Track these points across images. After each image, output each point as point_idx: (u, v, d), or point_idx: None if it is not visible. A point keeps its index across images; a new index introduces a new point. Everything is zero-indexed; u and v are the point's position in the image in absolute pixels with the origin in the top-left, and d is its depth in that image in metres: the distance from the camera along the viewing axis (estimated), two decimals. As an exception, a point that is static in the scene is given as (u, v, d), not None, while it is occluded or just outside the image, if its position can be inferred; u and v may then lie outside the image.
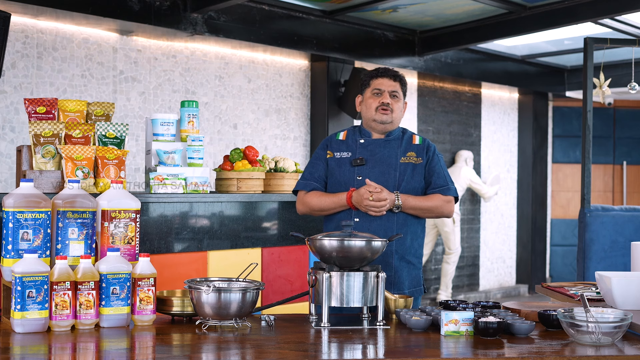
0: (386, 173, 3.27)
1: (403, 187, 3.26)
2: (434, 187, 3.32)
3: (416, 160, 3.31)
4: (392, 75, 3.34)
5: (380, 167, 3.28)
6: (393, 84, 3.32)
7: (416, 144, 3.36)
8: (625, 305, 2.85)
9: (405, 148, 3.33)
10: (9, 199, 2.70)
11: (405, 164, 3.29)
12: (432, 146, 3.38)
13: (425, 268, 8.99)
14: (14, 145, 5.69)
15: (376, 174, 3.26)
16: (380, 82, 3.32)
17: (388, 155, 3.31)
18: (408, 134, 3.40)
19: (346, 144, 3.37)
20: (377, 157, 3.30)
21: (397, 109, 3.32)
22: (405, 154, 3.31)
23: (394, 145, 3.33)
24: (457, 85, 9.36)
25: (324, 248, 2.76)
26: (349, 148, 3.35)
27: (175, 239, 4.12)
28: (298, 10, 6.90)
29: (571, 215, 10.49)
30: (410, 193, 3.27)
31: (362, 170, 3.28)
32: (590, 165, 5.08)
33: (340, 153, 3.35)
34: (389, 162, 3.29)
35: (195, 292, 2.66)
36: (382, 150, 3.32)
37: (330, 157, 3.36)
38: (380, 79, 3.33)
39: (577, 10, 6.79)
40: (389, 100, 3.30)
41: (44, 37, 5.86)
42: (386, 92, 3.30)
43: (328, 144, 3.40)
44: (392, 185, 3.25)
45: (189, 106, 4.29)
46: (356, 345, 2.47)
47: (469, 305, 2.89)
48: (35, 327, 2.58)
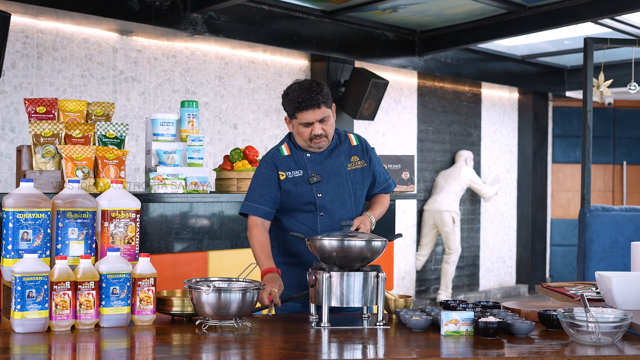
0: (340, 185, 3.20)
1: (358, 195, 3.23)
2: (377, 186, 3.33)
3: (361, 164, 3.25)
4: (313, 105, 3.07)
5: (334, 180, 3.19)
6: (319, 112, 3.09)
7: (355, 146, 3.27)
8: (625, 305, 2.85)
9: (348, 153, 3.24)
10: (9, 199, 2.70)
11: (354, 171, 3.23)
12: (366, 143, 3.31)
13: (425, 268, 9.00)
14: (14, 145, 5.69)
15: (332, 188, 3.18)
16: (306, 116, 3.09)
17: (336, 166, 3.21)
18: (343, 136, 3.28)
19: (293, 160, 3.21)
20: (328, 170, 3.20)
21: (329, 129, 3.16)
22: (350, 160, 3.23)
23: (337, 153, 3.23)
24: (457, 85, 9.36)
25: (324, 248, 2.76)
26: (297, 165, 3.20)
27: (175, 239, 4.12)
28: (298, 10, 6.90)
29: (571, 215, 10.49)
30: (363, 199, 3.29)
31: (319, 187, 3.18)
32: (590, 165, 5.08)
33: (292, 172, 3.20)
34: (339, 173, 3.21)
35: (195, 292, 2.66)
36: (330, 162, 3.21)
37: (284, 178, 3.20)
38: (304, 113, 3.08)
39: (577, 10, 6.79)
40: (320, 130, 3.11)
41: (44, 37, 5.86)
42: (315, 123, 3.10)
43: (276, 164, 3.21)
44: (348, 196, 3.19)
45: (189, 106, 4.29)
46: (356, 345, 2.47)
47: (469, 305, 2.89)
48: (35, 327, 2.58)
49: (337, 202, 3.18)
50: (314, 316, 2.79)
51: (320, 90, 3.09)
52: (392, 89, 8.41)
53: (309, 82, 3.13)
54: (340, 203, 3.19)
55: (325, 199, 3.17)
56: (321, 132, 3.12)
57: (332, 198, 3.18)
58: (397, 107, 8.61)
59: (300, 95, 3.07)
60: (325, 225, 3.18)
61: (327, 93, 3.13)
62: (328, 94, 3.14)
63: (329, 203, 3.17)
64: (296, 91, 3.09)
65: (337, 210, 3.18)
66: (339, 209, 3.18)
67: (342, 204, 3.19)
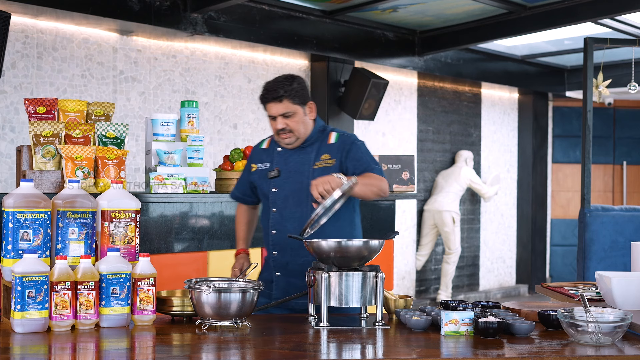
0: (299, 182, 3.15)
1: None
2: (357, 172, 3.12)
3: (330, 162, 3.14)
4: (274, 98, 3.09)
5: (294, 177, 3.15)
6: (281, 106, 3.09)
7: (331, 144, 3.18)
8: (625, 305, 2.85)
9: (320, 151, 3.18)
10: (9, 199, 2.70)
11: (320, 169, 3.13)
12: (350, 139, 3.20)
13: (425, 268, 9.00)
14: (14, 145, 5.69)
15: (290, 185, 3.16)
16: (269, 108, 3.12)
17: (301, 163, 3.17)
18: (325, 134, 3.23)
19: (267, 152, 3.27)
20: (290, 165, 3.18)
21: (295, 125, 3.12)
22: (319, 158, 3.16)
23: (309, 150, 3.19)
24: (457, 85, 9.36)
25: (321, 248, 2.76)
26: (268, 157, 3.25)
27: (175, 239, 4.12)
28: (298, 10, 6.90)
29: (571, 215, 10.49)
30: None
31: (276, 182, 3.19)
32: (590, 165, 5.08)
33: (262, 164, 3.25)
34: (302, 170, 3.15)
35: (195, 292, 2.66)
36: (296, 159, 3.19)
37: (254, 170, 3.28)
38: (268, 105, 3.12)
39: (577, 10, 6.79)
40: (283, 124, 3.11)
41: (44, 37, 5.86)
42: (278, 117, 3.11)
43: (252, 156, 3.34)
44: (305, 194, 3.12)
45: (189, 106, 4.29)
46: (355, 345, 2.47)
47: (469, 305, 2.89)
48: (35, 327, 2.58)
49: (292, 199, 3.15)
50: (312, 316, 2.79)
51: (289, 84, 3.07)
52: (392, 89, 8.41)
53: (284, 76, 3.13)
54: (295, 200, 3.14)
55: (279, 194, 3.17)
56: (284, 126, 3.11)
57: (287, 195, 3.16)
58: (397, 107, 8.61)
59: (266, 87, 3.12)
60: (276, 221, 3.19)
61: (296, 89, 3.09)
62: (298, 90, 3.10)
63: (281, 199, 3.16)
64: (268, 83, 3.14)
65: (290, 207, 3.15)
66: (292, 205, 3.15)
67: (297, 201, 3.14)
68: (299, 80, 3.13)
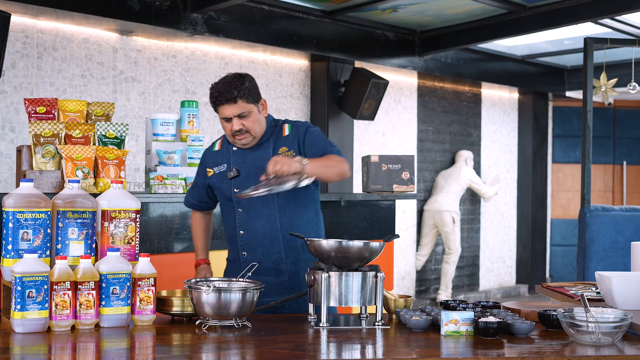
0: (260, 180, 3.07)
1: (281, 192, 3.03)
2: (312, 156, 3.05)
3: (289, 154, 3.07)
4: (228, 100, 3.00)
5: (255, 175, 3.08)
6: (235, 108, 3.02)
7: (286, 136, 3.14)
8: (625, 305, 2.85)
9: (277, 145, 3.13)
10: (9, 199, 2.70)
11: None
12: (304, 126, 3.15)
13: (425, 268, 8.99)
14: (14, 145, 5.69)
15: (251, 183, 3.06)
16: (223, 111, 3.04)
17: (260, 159, 3.10)
18: (279, 127, 3.17)
19: (221, 154, 3.20)
20: (249, 163, 3.13)
21: (252, 125, 3.06)
22: (278, 152, 3.11)
23: (266, 146, 3.14)
24: (457, 85, 9.36)
25: (322, 248, 2.76)
26: (224, 158, 3.18)
27: (175, 239, 4.12)
28: (298, 10, 6.90)
29: (571, 215, 10.49)
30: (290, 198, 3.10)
31: (237, 182, 3.13)
32: (590, 165, 5.08)
33: (218, 167, 3.19)
34: (262, 166, 3.04)
35: (195, 292, 2.66)
36: (253, 156, 3.13)
37: (211, 174, 3.21)
38: (221, 107, 3.03)
39: (577, 10, 6.80)
40: (239, 125, 3.04)
41: (44, 37, 5.86)
42: (234, 119, 3.03)
43: (205, 161, 3.26)
44: None
45: (189, 106, 4.29)
46: (355, 345, 2.47)
47: (469, 305, 2.89)
48: (35, 327, 2.58)
49: (256, 198, 3.09)
50: (312, 316, 2.79)
51: (241, 84, 3.02)
52: (392, 89, 8.41)
53: (233, 76, 3.05)
54: (260, 198, 3.10)
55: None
56: (240, 127, 3.05)
57: None
58: (397, 107, 8.61)
59: (217, 89, 3.03)
60: (243, 221, 3.16)
61: (248, 87, 3.03)
62: (251, 88, 3.04)
63: (246, 199, 3.11)
64: (218, 84, 3.05)
65: (255, 205, 3.11)
66: (258, 204, 3.11)
67: (262, 199, 3.10)
68: (250, 78, 3.07)
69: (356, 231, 4.92)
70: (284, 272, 3.15)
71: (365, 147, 8.14)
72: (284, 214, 3.12)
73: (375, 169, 5.00)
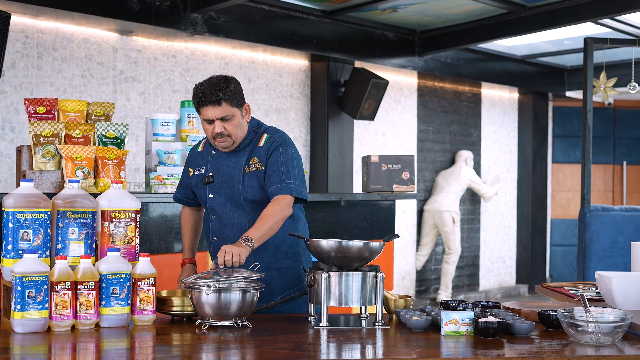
0: (232, 188, 3.06)
1: (249, 201, 3.04)
2: (268, 186, 3.02)
3: (259, 166, 3.05)
4: (212, 101, 2.95)
5: (227, 182, 3.06)
6: (219, 110, 2.96)
7: (260, 146, 3.07)
8: (625, 305, 2.85)
9: (251, 154, 3.08)
10: (9, 199, 2.70)
11: (250, 174, 3.05)
12: (278, 141, 3.07)
13: (425, 268, 9.00)
14: (14, 145, 5.69)
15: (225, 190, 3.08)
16: (206, 112, 2.97)
17: (232, 167, 3.07)
18: (258, 135, 3.11)
19: (202, 156, 3.17)
20: (222, 170, 3.09)
21: (233, 129, 3.01)
22: (249, 162, 3.06)
23: (242, 153, 3.09)
24: (457, 85, 9.36)
25: (322, 248, 2.76)
26: (203, 161, 3.16)
27: (175, 239, 4.12)
28: (298, 10, 6.90)
29: (571, 215, 10.50)
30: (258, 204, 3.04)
31: (212, 188, 3.11)
32: (590, 165, 5.08)
33: (198, 169, 3.17)
34: (233, 174, 3.06)
35: (195, 292, 2.66)
36: (227, 162, 3.09)
37: (191, 174, 3.20)
38: (204, 109, 2.97)
39: (577, 10, 6.80)
40: (221, 128, 2.99)
41: (44, 37, 5.86)
42: (216, 121, 2.98)
43: (188, 160, 3.25)
44: (239, 200, 3.06)
45: (189, 106, 4.29)
46: (355, 346, 2.47)
47: (469, 305, 2.89)
48: (35, 327, 2.58)
49: (229, 205, 3.08)
50: (312, 316, 2.79)
51: (226, 86, 2.97)
52: (392, 89, 8.41)
53: (218, 78, 3.01)
54: (232, 206, 3.08)
55: (215, 201, 3.10)
56: (222, 130, 2.99)
57: (223, 201, 3.09)
58: (397, 107, 8.61)
59: (202, 90, 2.98)
60: (216, 228, 3.13)
61: (234, 90, 2.99)
62: (236, 92, 3.00)
63: (219, 206, 3.09)
64: (202, 85, 3.00)
65: (227, 213, 3.08)
66: (230, 212, 3.08)
67: (234, 207, 3.08)
68: (235, 81, 3.03)
69: (356, 231, 4.92)
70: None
71: (365, 147, 8.15)
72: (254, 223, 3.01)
73: (375, 169, 5.00)
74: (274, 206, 2.96)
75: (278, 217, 2.94)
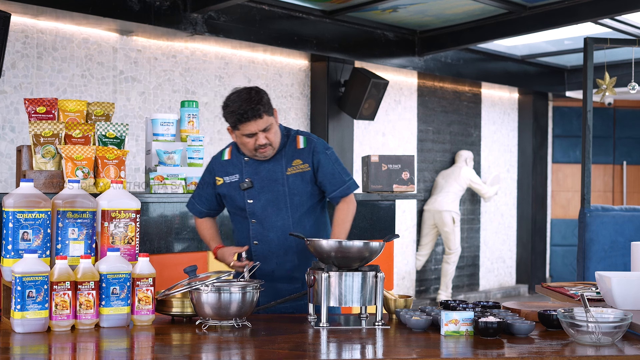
0: (275, 191, 3.12)
1: (296, 201, 3.13)
2: (331, 190, 3.16)
3: (303, 167, 3.13)
4: (254, 116, 3.00)
5: (269, 186, 3.13)
6: (261, 123, 3.02)
7: (301, 149, 3.16)
8: (625, 305, 2.85)
9: (291, 156, 3.15)
10: (9, 199, 2.70)
11: (293, 176, 3.13)
12: (319, 144, 3.17)
13: (425, 268, 8.99)
14: (14, 145, 5.69)
15: (266, 194, 3.12)
16: (248, 128, 3.02)
17: (273, 171, 3.13)
18: (292, 138, 3.19)
19: (232, 164, 3.20)
20: (262, 175, 3.14)
21: (273, 137, 3.09)
22: (291, 164, 3.13)
23: (278, 157, 3.15)
24: (457, 85, 9.36)
25: (322, 248, 2.76)
26: (235, 169, 3.19)
27: (175, 239, 4.12)
28: (298, 10, 6.90)
29: (571, 215, 10.50)
30: (304, 205, 3.15)
31: (251, 193, 3.15)
32: (590, 165, 5.07)
33: (229, 177, 3.19)
34: (275, 178, 3.12)
35: (195, 292, 2.66)
36: (266, 167, 3.14)
37: (220, 184, 3.21)
38: (245, 125, 3.02)
39: (577, 10, 6.79)
40: (264, 139, 3.05)
41: (44, 37, 5.86)
42: (259, 133, 3.04)
43: (214, 168, 3.25)
44: (283, 202, 3.12)
45: (189, 106, 4.29)
46: (355, 345, 2.47)
47: (469, 305, 2.89)
48: (35, 327, 2.58)
49: (270, 209, 3.13)
50: (312, 316, 2.79)
51: (260, 99, 3.02)
52: (392, 89, 8.41)
53: (248, 92, 3.04)
54: (274, 209, 3.13)
55: (256, 205, 3.14)
56: (265, 141, 3.06)
57: (264, 205, 3.13)
58: (397, 107, 8.61)
59: (240, 107, 3.00)
60: (257, 232, 3.17)
61: (267, 101, 3.05)
62: (268, 101, 3.06)
63: (260, 210, 3.14)
64: (236, 102, 3.02)
65: (270, 216, 3.13)
66: (272, 215, 3.13)
67: (276, 210, 3.13)
68: (262, 90, 3.08)
69: (356, 231, 4.92)
70: (297, 279, 3.18)
71: (365, 147, 8.15)
72: (298, 225, 3.15)
73: (375, 169, 5.00)
74: (346, 211, 3.17)
75: (351, 218, 3.18)
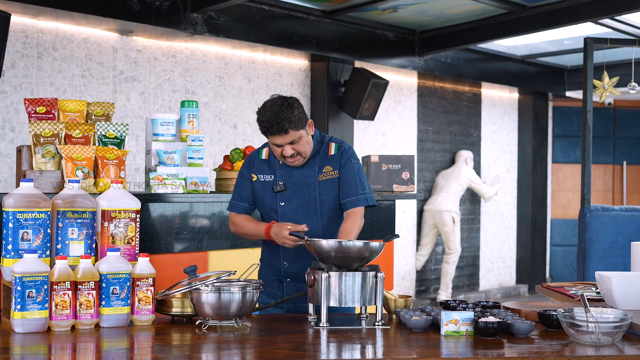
0: (306, 196, 3.16)
1: (326, 206, 3.17)
2: (343, 197, 3.18)
3: (333, 174, 3.18)
4: (279, 131, 3.01)
5: (301, 190, 3.17)
6: (287, 137, 3.04)
7: (332, 155, 3.20)
8: (625, 305, 2.85)
9: (322, 163, 3.19)
10: (9, 199, 2.70)
11: (324, 182, 3.17)
12: (348, 152, 3.21)
13: (425, 268, 9.00)
14: (14, 145, 5.69)
15: (297, 198, 3.16)
16: (274, 139, 3.06)
17: (306, 176, 3.18)
18: (325, 144, 3.23)
19: (268, 164, 3.24)
20: (295, 179, 3.18)
21: (302, 148, 3.11)
22: (322, 170, 3.18)
23: (311, 163, 3.19)
24: (457, 85, 9.36)
25: (322, 248, 2.76)
26: (271, 170, 3.23)
27: (175, 239, 4.12)
28: (298, 10, 6.90)
29: (571, 215, 10.49)
30: (333, 211, 3.19)
31: (283, 196, 3.18)
32: (590, 165, 5.07)
33: (263, 176, 3.23)
34: (307, 183, 3.17)
35: (195, 292, 2.66)
36: (300, 172, 3.19)
37: (255, 180, 3.25)
38: (272, 137, 3.06)
39: (577, 10, 6.79)
40: (291, 151, 3.08)
41: (44, 37, 5.86)
42: (285, 146, 3.07)
43: (251, 165, 3.28)
44: (314, 206, 3.17)
45: (189, 106, 4.29)
46: (355, 345, 2.47)
47: (469, 305, 2.89)
48: (35, 327, 2.58)
49: (301, 212, 3.16)
50: (312, 316, 2.79)
51: (291, 113, 3.01)
52: (392, 89, 8.41)
53: (280, 104, 3.03)
54: (305, 213, 3.16)
55: (287, 208, 3.18)
56: (292, 152, 3.08)
57: (295, 208, 3.17)
58: (397, 107, 8.61)
59: (268, 120, 3.02)
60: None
61: (297, 115, 3.03)
62: (299, 115, 3.04)
63: (291, 213, 3.17)
64: (267, 113, 3.03)
65: (300, 220, 3.15)
66: (302, 219, 3.15)
67: (307, 214, 3.17)
68: (297, 104, 3.07)
69: (356, 231, 4.91)
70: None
71: (365, 147, 8.14)
72: (327, 227, 3.18)
73: (375, 169, 5.00)
74: (352, 223, 3.12)
75: (357, 231, 3.11)
